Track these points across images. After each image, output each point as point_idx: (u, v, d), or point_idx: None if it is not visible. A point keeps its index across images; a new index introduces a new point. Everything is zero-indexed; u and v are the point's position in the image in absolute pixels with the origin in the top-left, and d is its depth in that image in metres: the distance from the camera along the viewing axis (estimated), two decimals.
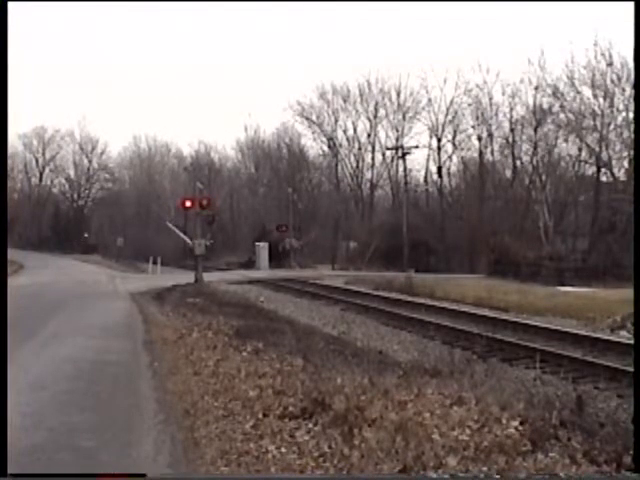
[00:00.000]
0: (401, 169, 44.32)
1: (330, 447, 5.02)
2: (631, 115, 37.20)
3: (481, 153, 49.92)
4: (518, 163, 47.91)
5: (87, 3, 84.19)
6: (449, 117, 51.55)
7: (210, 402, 6.59)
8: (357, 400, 6.02)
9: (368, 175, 57.62)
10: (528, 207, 45.66)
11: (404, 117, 54.92)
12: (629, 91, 37.78)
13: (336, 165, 58.55)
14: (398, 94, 54.54)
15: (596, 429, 5.32)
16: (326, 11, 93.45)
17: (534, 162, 45.64)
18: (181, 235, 31.89)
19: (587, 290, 25.32)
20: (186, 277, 27.69)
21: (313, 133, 58.62)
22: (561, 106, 42.56)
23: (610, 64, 38.92)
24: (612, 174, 40.63)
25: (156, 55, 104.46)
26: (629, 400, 7.65)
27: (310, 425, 5.65)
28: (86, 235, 67.88)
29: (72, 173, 74.11)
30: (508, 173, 49.41)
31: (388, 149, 52.86)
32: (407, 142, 51.16)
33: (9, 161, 62.23)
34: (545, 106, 44.20)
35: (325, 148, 58.92)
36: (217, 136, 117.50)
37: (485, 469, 4.52)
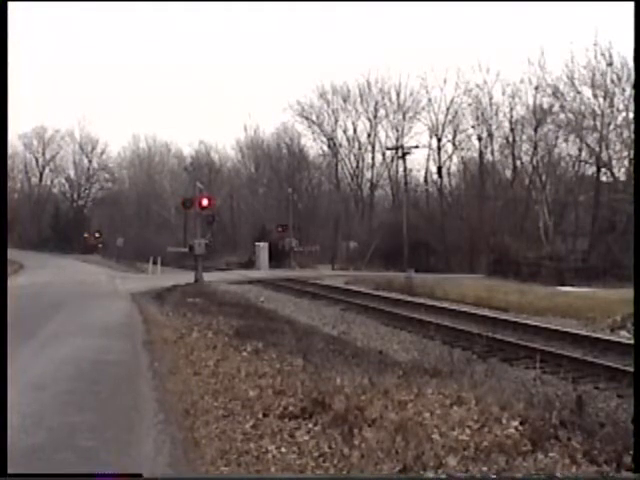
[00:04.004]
0: (401, 169, 44.23)
1: (330, 447, 5.02)
2: (631, 115, 37.20)
3: (481, 153, 49.94)
4: (518, 163, 47.94)
5: (87, 3, 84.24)
6: (449, 117, 51.63)
7: (210, 402, 6.59)
8: (357, 400, 6.02)
9: (368, 175, 57.75)
10: (528, 207, 45.65)
11: (404, 117, 55.03)
12: (629, 91, 37.77)
13: (336, 165, 58.57)
14: (398, 94, 54.66)
15: (596, 429, 5.31)
16: (326, 11, 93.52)
17: (534, 162, 45.64)
18: (182, 250, 32.91)
19: (587, 290, 25.33)
20: (186, 277, 27.68)
21: (313, 133, 58.74)
22: (561, 106, 42.56)
23: (610, 64, 38.92)
24: (612, 174, 40.61)
25: (156, 55, 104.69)
26: (629, 400, 7.64)
27: (310, 425, 5.65)
28: (86, 235, 67.89)
29: (72, 173, 74.38)
30: (508, 173, 49.43)
31: (388, 149, 52.88)
32: (407, 142, 51.20)
33: (9, 161, 62.30)
34: (545, 106, 44.25)
35: (325, 148, 59.05)
36: (217, 136, 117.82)
37: (485, 469, 4.52)
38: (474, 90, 48.44)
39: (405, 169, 43.03)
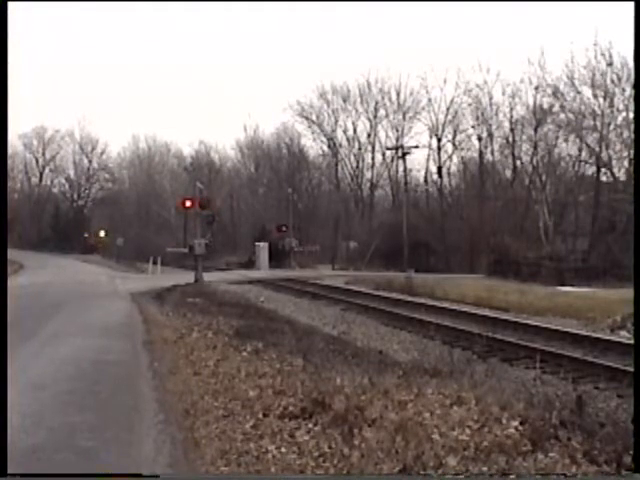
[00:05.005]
0: (401, 169, 44.26)
1: (330, 447, 5.02)
2: (631, 115, 37.20)
3: (481, 153, 49.94)
4: (518, 163, 47.95)
5: (87, 3, 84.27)
6: (449, 117, 51.65)
7: (210, 402, 6.59)
8: (357, 400, 6.02)
9: (368, 175, 57.76)
10: (528, 207, 45.65)
11: (404, 117, 55.04)
12: (629, 91, 37.78)
13: (336, 165, 58.58)
14: (398, 94, 54.68)
15: (596, 429, 5.31)
16: (326, 11, 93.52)
17: (534, 162, 45.64)
18: (181, 251, 33.31)
19: (587, 290, 25.32)
20: (186, 277, 27.69)
21: (313, 133, 58.76)
22: (561, 106, 42.57)
23: (610, 64, 38.93)
24: (612, 174, 40.61)
25: (156, 55, 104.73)
26: (629, 400, 7.64)
27: (310, 425, 5.65)
28: (86, 235, 67.91)
29: (72, 173, 74.45)
30: (508, 173, 49.45)
31: (388, 149, 52.89)
32: (407, 142, 51.22)
33: (9, 161, 62.32)
34: (545, 106, 44.25)
35: (325, 148, 59.06)
36: (217, 136, 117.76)
37: (485, 469, 4.52)
38: (474, 90, 48.53)
39: (405, 169, 43.10)
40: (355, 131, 57.35)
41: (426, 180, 53.95)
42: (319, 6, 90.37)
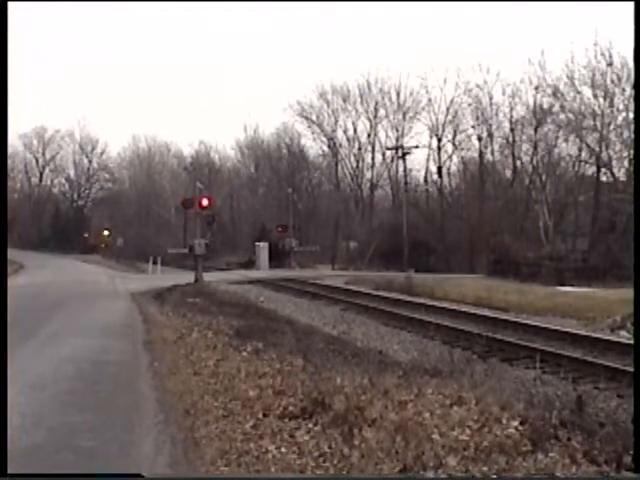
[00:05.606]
0: (401, 169, 44.20)
1: (330, 447, 5.02)
2: (631, 115, 37.17)
3: (481, 153, 49.90)
4: (518, 163, 47.91)
5: (87, 3, 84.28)
6: (449, 117, 51.57)
7: (210, 402, 6.59)
8: (357, 400, 6.02)
9: (368, 175, 57.67)
10: (528, 207, 45.64)
11: (404, 117, 54.95)
12: (629, 91, 37.74)
13: (336, 165, 58.54)
14: (398, 94, 54.59)
15: (596, 429, 5.32)
16: (326, 11, 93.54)
17: (534, 162, 45.61)
18: (182, 251, 33.51)
19: (587, 290, 25.30)
20: (186, 277, 27.69)
21: (313, 133, 58.67)
22: (561, 106, 42.53)
23: (610, 64, 38.89)
24: (612, 174, 40.58)
25: (156, 55, 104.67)
26: (629, 400, 7.65)
27: (310, 425, 5.65)
28: (86, 235, 67.94)
29: (72, 173, 74.49)
30: (508, 173, 49.40)
31: (388, 149, 52.82)
32: (407, 142, 51.14)
33: (9, 161, 62.34)
34: (545, 106, 44.19)
35: (325, 148, 58.98)
36: (217, 136, 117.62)
37: (485, 469, 4.52)
38: (474, 90, 48.43)
39: (405, 169, 43.06)
40: (355, 131, 57.36)
41: (426, 180, 53.94)
42: (319, 6, 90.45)
